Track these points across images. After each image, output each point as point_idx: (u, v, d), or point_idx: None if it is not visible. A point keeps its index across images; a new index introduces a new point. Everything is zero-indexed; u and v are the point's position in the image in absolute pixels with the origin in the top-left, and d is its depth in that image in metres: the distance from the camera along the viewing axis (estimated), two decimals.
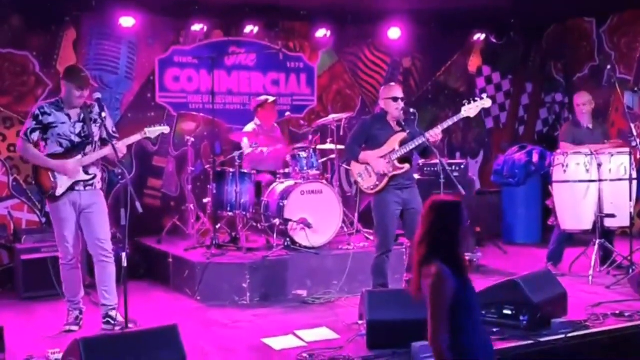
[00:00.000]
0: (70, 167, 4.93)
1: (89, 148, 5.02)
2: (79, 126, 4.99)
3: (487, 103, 5.57)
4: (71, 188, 4.96)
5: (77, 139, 4.99)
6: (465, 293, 3.35)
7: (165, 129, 5.35)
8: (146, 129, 5.22)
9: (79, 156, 4.98)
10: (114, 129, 5.17)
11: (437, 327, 3.24)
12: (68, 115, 4.98)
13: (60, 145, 4.97)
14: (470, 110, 5.51)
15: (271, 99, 7.35)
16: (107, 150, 4.99)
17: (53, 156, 4.96)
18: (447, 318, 3.25)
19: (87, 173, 5.00)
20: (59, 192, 4.94)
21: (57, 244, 5.13)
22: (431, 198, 3.57)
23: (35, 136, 4.96)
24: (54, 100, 5.09)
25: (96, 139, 5.06)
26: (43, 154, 5.00)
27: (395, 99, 5.56)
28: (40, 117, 4.94)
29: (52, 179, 4.94)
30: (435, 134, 5.44)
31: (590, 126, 6.88)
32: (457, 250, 3.43)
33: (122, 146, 5.01)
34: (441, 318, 3.25)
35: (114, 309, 5.06)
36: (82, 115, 5.00)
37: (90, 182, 5.04)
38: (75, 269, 5.13)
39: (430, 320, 3.26)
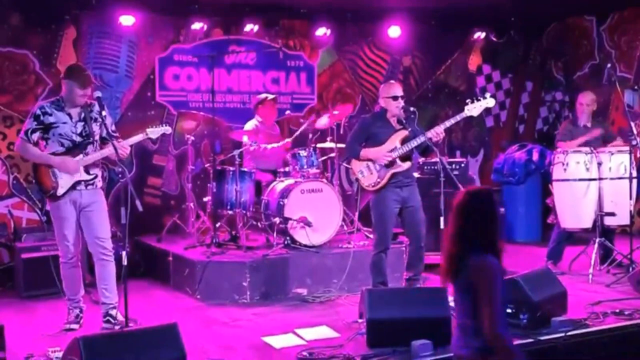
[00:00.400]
0: (71, 164, 4.92)
1: (90, 147, 5.01)
2: (80, 125, 4.98)
3: (490, 103, 5.58)
4: (72, 187, 4.95)
5: (78, 139, 4.97)
6: (504, 282, 3.33)
7: (167, 130, 5.34)
8: (148, 130, 5.21)
9: (81, 156, 4.97)
10: (114, 128, 5.15)
11: (497, 321, 3.18)
12: (69, 115, 4.96)
13: (62, 145, 4.95)
14: (473, 109, 5.52)
15: (271, 96, 7.36)
16: (108, 151, 4.96)
17: (54, 155, 4.94)
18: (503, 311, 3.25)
19: (88, 173, 4.99)
20: (60, 191, 4.93)
21: (57, 243, 5.12)
22: (464, 190, 3.49)
23: (36, 136, 4.94)
24: (54, 99, 5.07)
25: (96, 137, 5.05)
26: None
27: (395, 98, 5.56)
28: (42, 117, 4.92)
29: (53, 179, 4.93)
30: (437, 133, 5.44)
31: (589, 125, 6.88)
32: (498, 239, 3.35)
33: (125, 146, 5.00)
34: (500, 312, 3.21)
35: (114, 307, 5.05)
36: (83, 115, 4.99)
37: (92, 182, 5.03)
38: (76, 268, 5.13)
39: (489, 316, 3.18)
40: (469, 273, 3.30)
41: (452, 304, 4.94)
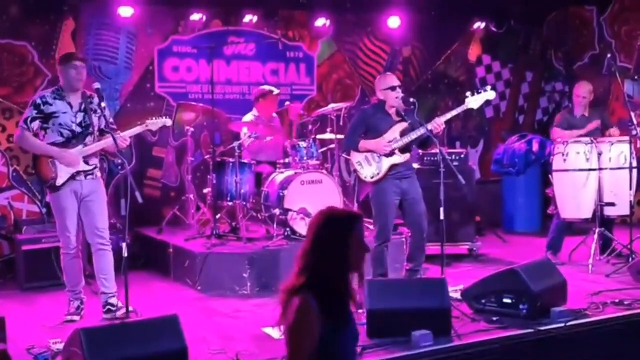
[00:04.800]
0: (70, 156, 4.91)
1: (89, 139, 5.02)
2: (80, 116, 4.98)
3: (491, 95, 5.58)
4: (72, 178, 4.95)
5: (78, 129, 4.97)
6: (337, 341, 2.61)
7: (168, 122, 5.35)
8: (148, 122, 5.22)
9: (80, 147, 4.97)
10: (111, 121, 5.15)
11: None
12: (70, 105, 4.96)
13: (61, 135, 4.94)
14: (473, 101, 5.52)
15: (276, 91, 7.24)
16: (107, 142, 4.97)
17: (53, 145, 4.94)
18: None
19: (87, 164, 5.00)
20: (59, 182, 4.93)
21: (59, 234, 5.12)
22: (327, 207, 2.82)
23: (36, 125, 4.92)
24: (54, 89, 5.06)
25: (96, 129, 5.04)
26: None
27: (393, 88, 5.55)
28: (42, 107, 4.91)
29: (52, 169, 4.92)
30: (438, 125, 5.44)
31: (586, 114, 6.89)
32: (343, 281, 2.68)
33: (125, 138, 4.99)
34: None
35: (114, 296, 5.07)
36: (84, 105, 4.99)
37: (91, 172, 5.03)
38: (77, 259, 5.13)
39: None
40: (288, 316, 2.61)
41: (452, 294, 4.99)
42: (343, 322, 2.68)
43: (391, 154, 5.51)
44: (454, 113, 5.54)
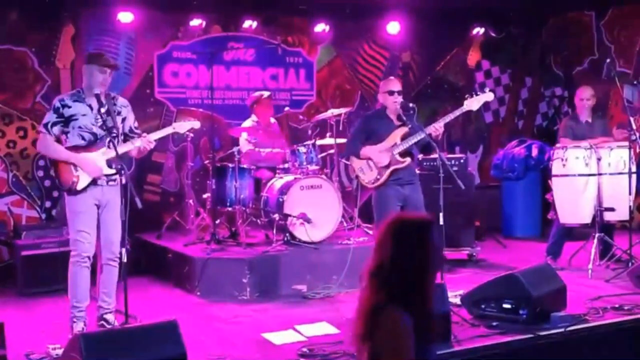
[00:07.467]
0: (92, 165, 4.68)
1: (113, 141, 4.73)
2: (101, 117, 4.73)
3: (489, 97, 5.59)
4: (93, 182, 4.73)
5: (99, 131, 4.74)
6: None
7: (196, 124, 5.33)
8: (175, 124, 5.19)
9: (103, 149, 4.74)
10: (136, 124, 4.98)
11: None
12: (90, 106, 4.73)
13: (82, 138, 4.72)
14: (472, 103, 5.53)
15: (266, 94, 7.30)
16: (131, 145, 4.79)
17: (75, 149, 4.70)
18: None
19: (110, 167, 4.75)
20: (80, 186, 4.70)
21: (71, 239, 4.80)
22: (394, 216, 2.64)
23: (57, 130, 4.70)
24: (74, 91, 4.88)
25: (120, 131, 4.83)
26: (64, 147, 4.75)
27: (391, 93, 5.57)
28: (61, 110, 4.69)
29: (74, 172, 4.69)
30: (437, 128, 5.45)
31: (590, 120, 6.89)
32: (427, 291, 2.51)
33: (150, 140, 4.83)
34: None
35: (111, 312, 4.90)
36: (107, 107, 4.75)
37: (114, 177, 4.78)
38: (85, 269, 4.76)
39: None
40: (379, 334, 2.43)
41: (451, 299, 4.99)
42: (430, 339, 2.54)
43: (389, 164, 5.50)
44: (452, 116, 5.55)
